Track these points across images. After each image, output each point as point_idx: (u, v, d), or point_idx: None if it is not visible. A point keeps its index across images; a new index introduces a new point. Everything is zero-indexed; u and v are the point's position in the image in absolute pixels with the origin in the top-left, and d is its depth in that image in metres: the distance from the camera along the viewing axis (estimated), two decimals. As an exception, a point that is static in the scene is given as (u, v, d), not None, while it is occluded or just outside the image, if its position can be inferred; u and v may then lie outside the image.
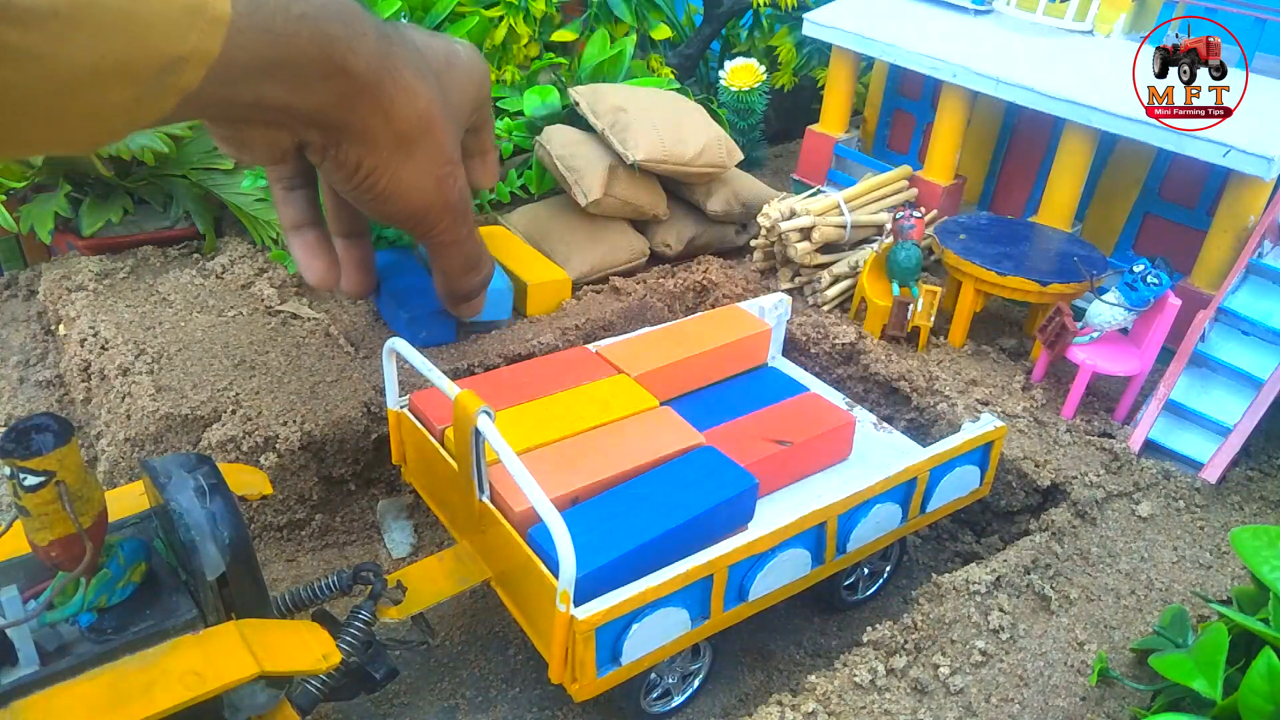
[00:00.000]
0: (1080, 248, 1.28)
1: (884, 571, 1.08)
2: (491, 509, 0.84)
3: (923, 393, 1.20)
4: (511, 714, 0.93)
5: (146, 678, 0.62)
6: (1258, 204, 1.21)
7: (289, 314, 1.24)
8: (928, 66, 1.42)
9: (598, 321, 1.28)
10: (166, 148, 1.20)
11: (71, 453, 0.60)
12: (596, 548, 0.79)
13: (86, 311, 1.21)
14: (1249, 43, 1.21)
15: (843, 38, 1.54)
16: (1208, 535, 1.03)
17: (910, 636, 0.87)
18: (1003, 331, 1.35)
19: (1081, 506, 1.03)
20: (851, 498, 0.90)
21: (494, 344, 1.21)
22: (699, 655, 0.93)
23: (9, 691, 0.59)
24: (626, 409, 0.99)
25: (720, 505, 0.86)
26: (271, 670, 0.65)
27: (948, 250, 1.25)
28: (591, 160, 1.37)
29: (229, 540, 0.65)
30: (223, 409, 1.05)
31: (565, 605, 0.73)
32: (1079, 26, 1.40)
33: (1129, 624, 0.92)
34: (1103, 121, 1.25)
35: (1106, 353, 1.16)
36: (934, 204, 1.48)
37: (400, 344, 0.91)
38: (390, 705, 0.93)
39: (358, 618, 0.81)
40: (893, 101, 1.68)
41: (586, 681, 0.78)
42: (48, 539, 0.61)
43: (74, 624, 0.64)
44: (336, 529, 1.11)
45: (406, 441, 1.00)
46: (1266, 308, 1.13)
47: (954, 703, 0.82)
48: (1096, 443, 1.13)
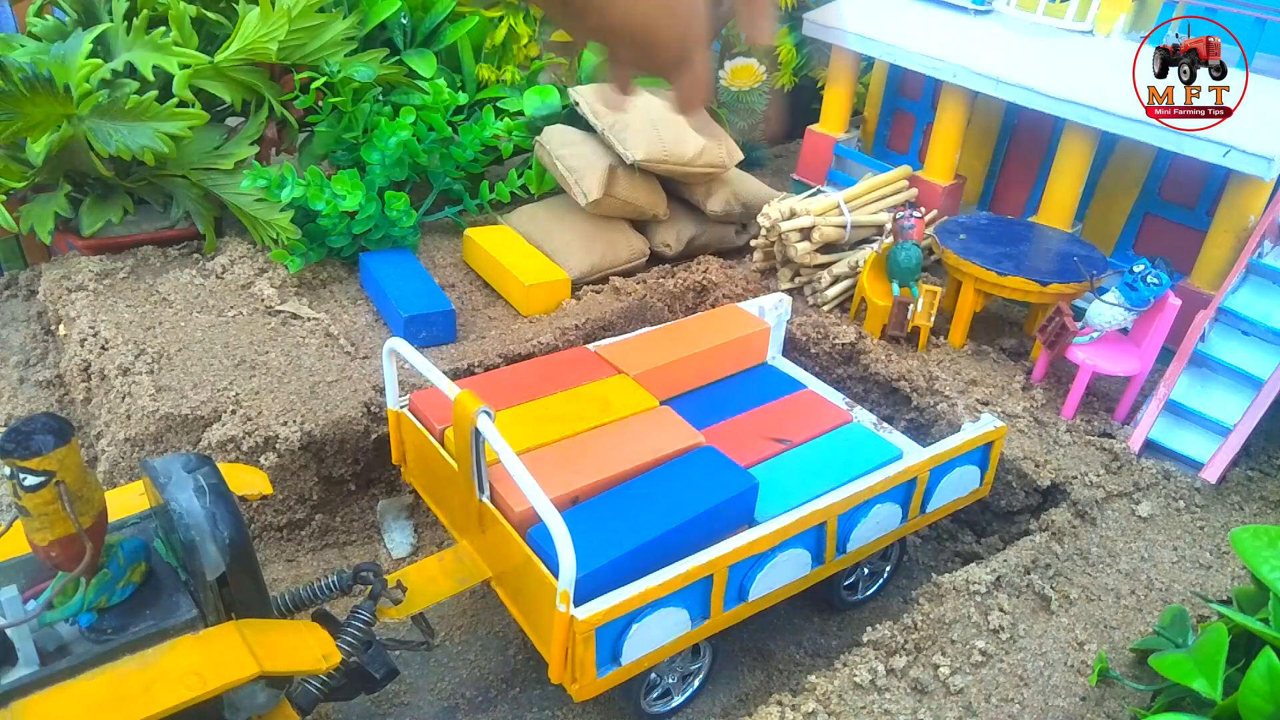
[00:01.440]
0: (1080, 248, 1.28)
1: (884, 571, 1.08)
2: (491, 509, 0.84)
3: (923, 393, 1.20)
4: (511, 714, 0.93)
5: (146, 678, 0.62)
6: (1258, 204, 1.21)
7: (289, 314, 1.24)
8: (928, 66, 1.42)
9: (598, 321, 1.28)
10: (166, 148, 1.20)
11: (71, 453, 0.60)
12: (596, 548, 0.79)
13: (86, 311, 1.20)
14: (1249, 43, 1.21)
15: (843, 38, 1.54)
16: (1208, 535, 1.03)
17: (910, 636, 0.87)
18: (1003, 331, 1.35)
19: (1081, 506, 1.03)
20: (851, 498, 0.90)
21: (494, 344, 1.21)
22: (699, 655, 0.93)
23: (9, 691, 0.59)
24: (626, 409, 0.99)
25: (720, 505, 0.86)
26: (271, 670, 0.65)
27: (948, 250, 1.25)
28: (591, 160, 1.37)
29: (229, 540, 0.65)
30: (223, 409, 1.05)
31: (565, 605, 0.73)
32: (1079, 26, 1.40)
33: (1129, 624, 0.92)
34: (1103, 121, 1.24)
35: (1106, 353, 1.16)
36: (934, 204, 1.48)
37: (400, 344, 0.91)
38: (390, 705, 0.93)
39: (358, 618, 0.81)
40: (893, 101, 1.68)
41: (586, 681, 0.78)
42: (48, 539, 0.61)
43: (74, 624, 0.64)
44: (336, 529, 1.11)
45: (406, 441, 1.00)
46: (1266, 308, 1.13)
47: (954, 703, 0.82)
48: (1096, 443, 1.13)
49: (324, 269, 1.35)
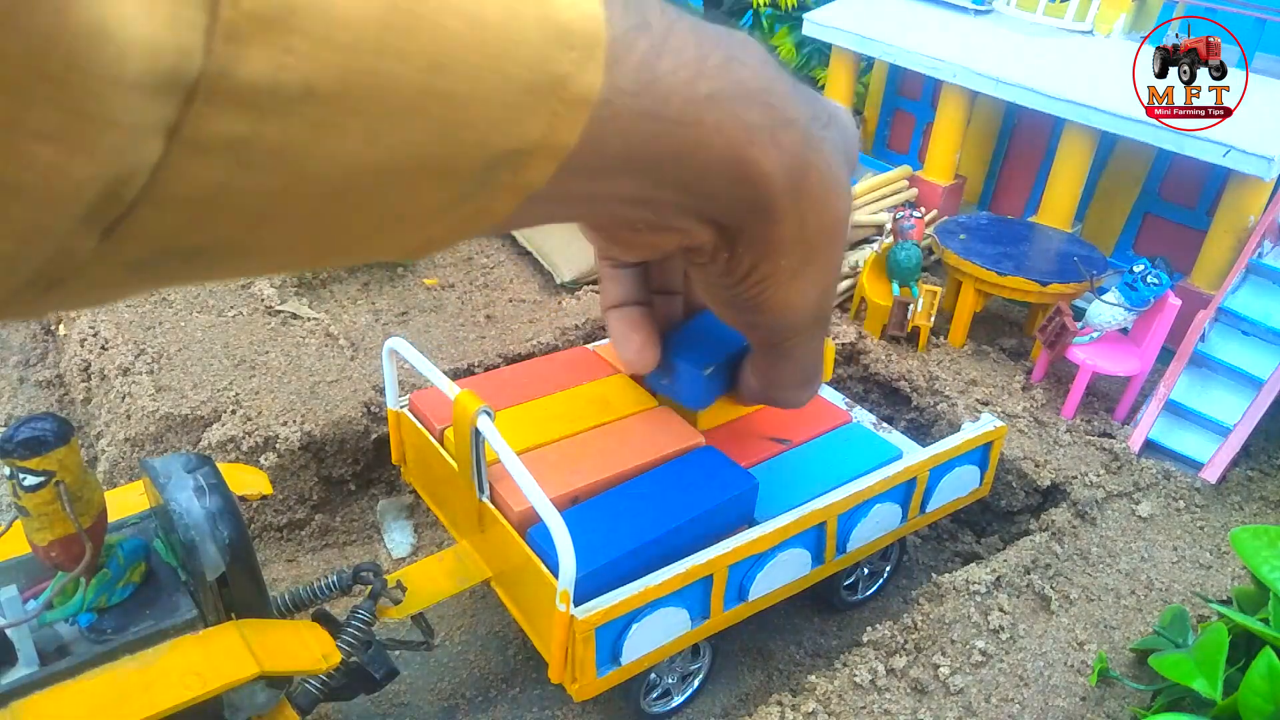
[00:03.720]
0: (1080, 248, 1.28)
1: (884, 571, 1.08)
2: (491, 509, 0.84)
3: (923, 393, 1.20)
4: (511, 714, 0.93)
5: (146, 678, 0.62)
6: (1258, 204, 1.21)
7: (289, 314, 1.24)
8: (928, 66, 1.42)
9: (598, 321, 1.28)
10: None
11: (71, 453, 0.60)
12: (596, 548, 0.79)
13: (86, 311, 1.21)
14: (1249, 43, 1.21)
15: (843, 38, 1.54)
16: (1208, 535, 1.03)
17: (910, 636, 0.87)
18: (1003, 331, 1.35)
19: (1081, 506, 1.03)
20: (851, 497, 0.90)
21: (494, 344, 1.22)
22: (699, 655, 0.93)
23: (9, 691, 0.59)
24: (626, 409, 0.99)
25: (720, 505, 0.86)
26: (271, 670, 0.65)
27: (948, 250, 1.25)
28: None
29: (229, 540, 0.65)
30: (223, 409, 1.05)
31: (565, 605, 0.73)
32: (1079, 26, 1.40)
33: (1129, 624, 0.92)
34: (1103, 121, 1.24)
35: (1106, 353, 1.16)
36: (934, 204, 1.48)
37: (400, 344, 0.91)
38: (390, 705, 0.93)
39: (357, 618, 0.81)
40: (893, 101, 1.68)
41: (586, 681, 0.78)
42: (48, 539, 0.61)
43: (74, 624, 0.64)
44: (336, 529, 1.11)
45: (406, 441, 1.00)
46: (1266, 308, 1.13)
47: (954, 703, 0.82)
48: (1096, 443, 1.13)
49: (324, 269, 1.35)
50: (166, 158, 0.19)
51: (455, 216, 0.28)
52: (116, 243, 0.20)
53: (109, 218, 0.19)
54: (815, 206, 0.42)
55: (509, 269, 1.42)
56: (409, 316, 1.29)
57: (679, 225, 0.41)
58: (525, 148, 0.27)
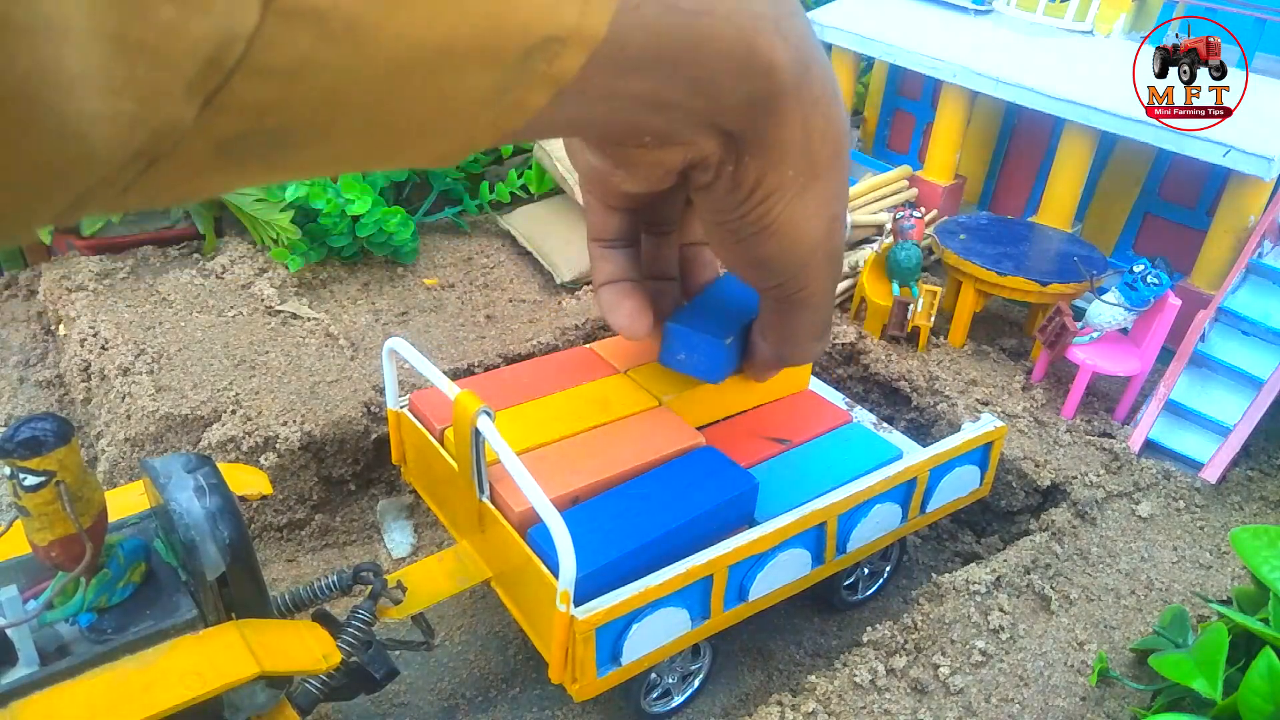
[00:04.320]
0: (1080, 248, 1.28)
1: (884, 571, 1.08)
2: (491, 509, 0.84)
3: (923, 393, 1.20)
4: (511, 714, 0.93)
5: (146, 678, 0.62)
6: (1258, 204, 1.21)
7: (289, 314, 1.24)
8: (928, 66, 1.42)
9: (598, 321, 1.28)
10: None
11: (71, 453, 0.60)
12: (596, 548, 0.79)
13: (86, 311, 1.20)
14: (1249, 43, 1.21)
15: (843, 37, 1.54)
16: (1208, 535, 1.03)
17: (910, 636, 0.87)
18: (1003, 331, 1.35)
19: (1081, 506, 1.03)
20: (851, 497, 0.90)
21: (494, 344, 1.21)
22: (699, 655, 0.93)
23: (9, 691, 0.59)
24: (626, 409, 0.99)
25: (720, 505, 0.86)
26: (271, 670, 0.65)
27: (948, 250, 1.25)
28: (591, 160, 1.37)
29: (229, 540, 0.65)
30: (223, 409, 1.05)
31: (565, 605, 0.73)
32: (1079, 26, 1.40)
33: (1129, 624, 0.92)
34: (1103, 121, 1.25)
35: (1106, 353, 1.16)
36: (934, 204, 1.48)
37: (400, 344, 0.91)
38: (390, 705, 0.93)
39: (358, 618, 0.81)
40: (893, 101, 1.68)
41: (586, 681, 0.78)
42: (48, 539, 0.61)
43: (74, 624, 0.64)
44: (336, 529, 1.11)
45: (406, 441, 1.00)
46: (1266, 308, 1.13)
47: (954, 703, 0.82)
48: (1096, 443, 1.13)
49: (324, 269, 1.35)
50: (261, 26, 0.21)
51: (495, 110, 0.30)
52: (212, 114, 0.21)
53: (210, 86, 0.21)
54: (819, 106, 0.44)
55: (509, 269, 1.42)
56: (409, 316, 1.29)
57: (686, 136, 0.43)
58: (560, 34, 0.29)
